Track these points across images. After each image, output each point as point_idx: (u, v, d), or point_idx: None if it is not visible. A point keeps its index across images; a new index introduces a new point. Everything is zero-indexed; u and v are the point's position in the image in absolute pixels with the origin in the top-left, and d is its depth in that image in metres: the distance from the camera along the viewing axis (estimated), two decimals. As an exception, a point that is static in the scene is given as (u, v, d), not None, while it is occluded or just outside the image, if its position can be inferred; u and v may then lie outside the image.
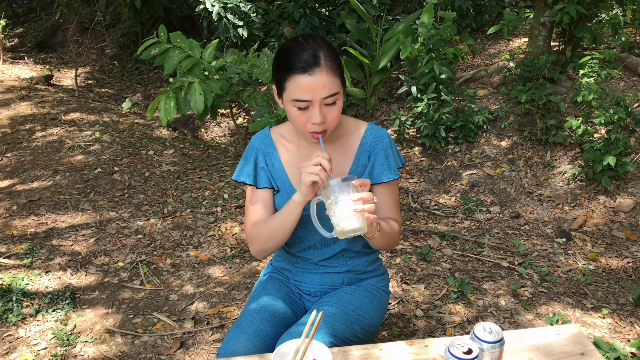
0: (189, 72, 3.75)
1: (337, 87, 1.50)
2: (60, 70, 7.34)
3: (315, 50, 1.47)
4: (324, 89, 1.46)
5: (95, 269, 3.00)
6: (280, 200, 1.69)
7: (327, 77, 1.46)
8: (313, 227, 1.70)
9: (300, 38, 1.51)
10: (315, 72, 1.45)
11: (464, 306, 2.64)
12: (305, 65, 1.45)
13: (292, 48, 1.48)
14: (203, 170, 4.39)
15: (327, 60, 1.47)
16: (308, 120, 1.51)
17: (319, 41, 1.50)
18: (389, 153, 1.68)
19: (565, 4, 4.15)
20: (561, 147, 4.08)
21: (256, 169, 1.70)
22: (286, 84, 1.48)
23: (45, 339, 2.43)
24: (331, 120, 1.52)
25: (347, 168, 1.67)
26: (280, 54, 1.51)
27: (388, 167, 1.68)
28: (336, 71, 1.49)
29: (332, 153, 1.66)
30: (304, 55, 1.46)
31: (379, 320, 1.82)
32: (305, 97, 1.46)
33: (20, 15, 9.38)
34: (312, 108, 1.49)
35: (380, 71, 5.00)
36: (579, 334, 1.49)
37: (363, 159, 1.68)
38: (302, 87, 1.46)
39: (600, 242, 3.31)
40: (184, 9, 6.80)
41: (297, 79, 1.46)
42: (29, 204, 3.69)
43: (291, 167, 1.68)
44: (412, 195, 4.03)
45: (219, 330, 2.50)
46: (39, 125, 5.03)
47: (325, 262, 1.77)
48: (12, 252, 3.13)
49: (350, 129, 1.70)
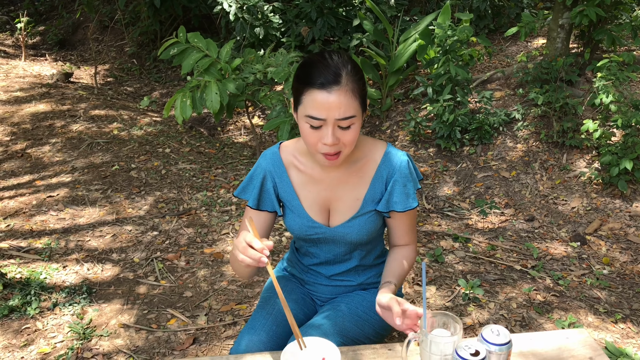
0: (206, 72, 3.80)
1: (355, 110, 1.41)
2: (80, 68, 7.45)
3: (338, 68, 1.40)
4: (339, 110, 1.39)
5: (112, 265, 3.06)
6: (292, 220, 1.66)
7: (346, 98, 1.39)
8: (324, 245, 1.70)
9: (326, 53, 1.45)
10: (333, 90, 1.38)
11: (476, 308, 2.65)
12: (324, 82, 1.38)
13: (315, 62, 1.42)
14: (218, 168, 4.44)
15: (349, 80, 1.40)
16: (320, 140, 1.43)
17: (344, 59, 1.43)
18: (407, 181, 1.60)
19: (584, 6, 4.12)
20: (577, 150, 4.05)
21: (261, 191, 1.64)
22: (302, 98, 1.42)
23: (62, 332, 2.48)
24: (345, 143, 1.45)
25: (362, 194, 1.61)
26: (303, 66, 1.45)
27: (406, 195, 1.60)
28: (357, 93, 1.41)
29: (348, 178, 1.60)
30: (326, 72, 1.39)
31: (391, 323, 1.83)
32: (319, 115, 1.39)
33: (42, 13, 9.54)
34: (324, 127, 1.41)
35: (397, 72, 5.01)
36: (588, 339, 1.50)
37: (379, 186, 1.61)
38: (317, 103, 1.39)
39: (616, 246, 3.28)
40: (202, 8, 6.86)
41: (314, 94, 1.39)
42: (49, 200, 3.76)
43: (303, 191, 1.63)
44: (426, 196, 4.03)
45: (231, 327, 2.53)
46: (59, 122, 5.12)
47: (337, 277, 1.76)
48: (31, 247, 3.19)
49: (367, 153, 1.61)
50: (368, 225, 1.63)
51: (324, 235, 1.65)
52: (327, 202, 1.63)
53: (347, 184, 1.61)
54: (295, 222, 1.66)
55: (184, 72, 3.85)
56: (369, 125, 5.21)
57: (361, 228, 1.62)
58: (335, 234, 1.64)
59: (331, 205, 1.64)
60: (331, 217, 1.65)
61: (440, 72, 4.28)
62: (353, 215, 1.62)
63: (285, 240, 3.35)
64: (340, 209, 1.63)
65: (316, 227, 1.64)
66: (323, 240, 1.68)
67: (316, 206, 1.63)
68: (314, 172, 1.62)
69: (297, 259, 1.84)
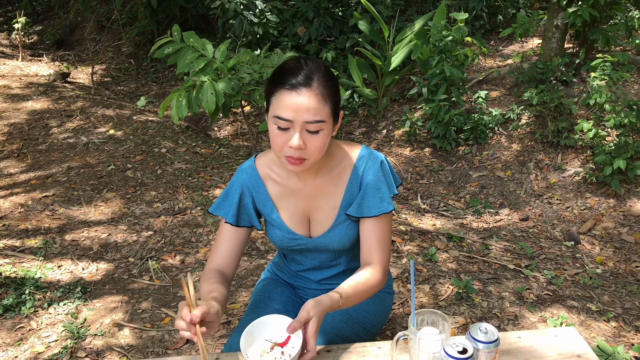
0: (201, 71, 3.80)
1: (325, 115, 1.39)
2: (77, 68, 7.45)
3: (310, 72, 1.38)
4: (307, 112, 1.36)
5: (107, 264, 3.06)
6: (273, 233, 1.64)
7: (315, 100, 1.36)
8: (309, 253, 1.68)
9: (302, 59, 1.44)
10: (302, 92, 1.36)
11: (469, 307, 2.66)
12: (294, 83, 1.36)
13: (289, 65, 1.41)
14: (214, 168, 4.44)
15: (320, 84, 1.38)
16: (286, 143, 1.40)
17: (318, 64, 1.42)
18: (381, 183, 1.56)
19: (579, 6, 4.13)
20: (572, 149, 4.06)
21: (239, 207, 1.61)
22: (272, 98, 1.40)
23: (56, 331, 2.49)
24: (312, 150, 1.41)
25: (339, 202, 1.58)
26: (277, 69, 1.44)
27: (380, 199, 1.55)
28: (327, 98, 1.39)
29: (324, 187, 1.58)
30: (297, 73, 1.38)
31: (382, 321, 1.83)
32: (287, 116, 1.37)
33: (40, 13, 9.54)
34: (292, 130, 1.38)
35: (392, 72, 5.02)
36: (577, 337, 1.51)
37: (354, 190, 1.58)
38: (285, 104, 1.37)
39: (609, 245, 3.30)
40: (199, 8, 6.86)
41: (283, 94, 1.37)
42: (44, 199, 3.77)
43: (282, 203, 1.61)
44: (421, 196, 4.04)
45: (224, 326, 2.54)
46: (55, 122, 5.13)
47: (326, 281, 1.76)
48: (26, 246, 3.20)
49: (342, 159, 1.58)
50: (348, 232, 1.60)
51: (306, 246, 1.64)
52: (306, 212, 1.61)
53: (323, 193, 1.59)
54: (276, 234, 1.64)
55: (180, 72, 3.86)
56: (365, 125, 5.22)
57: (342, 237, 1.61)
58: (317, 244, 1.63)
59: (310, 216, 1.62)
60: (312, 227, 1.63)
61: (435, 72, 4.30)
62: (332, 225, 1.60)
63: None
64: (319, 219, 1.61)
65: (297, 238, 1.63)
66: (306, 250, 1.67)
67: (296, 217, 1.62)
68: (291, 183, 1.59)
69: (285, 264, 1.83)
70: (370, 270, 1.54)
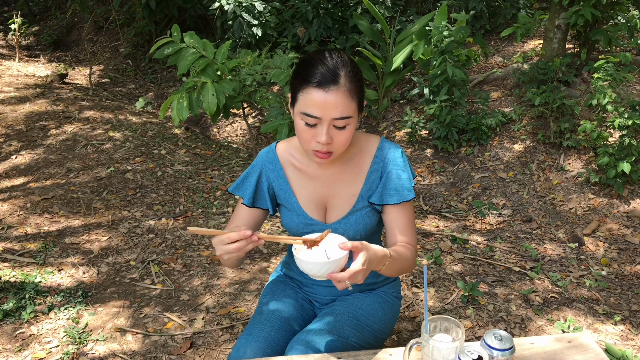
0: (202, 73, 3.77)
1: (352, 111, 1.42)
2: (74, 69, 7.41)
3: (337, 68, 1.39)
4: (336, 109, 1.39)
5: (107, 268, 3.03)
6: (289, 218, 1.66)
7: (342, 98, 1.38)
8: None
9: (326, 52, 1.44)
10: (330, 90, 1.38)
11: (475, 310, 2.63)
12: (322, 80, 1.38)
13: (315, 60, 1.42)
14: (215, 170, 4.41)
15: (347, 80, 1.39)
16: (314, 138, 1.43)
17: (344, 59, 1.43)
18: (402, 173, 1.59)
19: (580, 6, 4.11)
20: (575, 150, 4.05)
21: (257, 189, 1.64)
22: (299, 95, 1.42)
23: (57, 336, 2.46)
24: (338, 143, 1.45)
25: (358, 190, 1.61)
26: (302, 63, 1.45)
27: (401, 187, 1.59)
28: (354, 94, 1.41)
29: (344, 175, 1.61)
30: (324, 70, 1.38)
31: (390, 326, 1.80)
32: (315, 114, 1.39)
33: (36, 13, 9.49)
34: (320, 126, 1.41)
35: (393, 72, 5.00)
36: (591, 343, 1.48)
37: (375, 179, 1.61)
38: (313, 101, 1.39)
39: (614, 247, 3.28)
40: (198, 9, 6.82)
41: (311, 92, 1.39)
42: (43, 202, 3.73)
43: (300, 189, 1.64)
44: (424, 197, 4.02)
45: (229, 330, 2.51)
46: (53, 124, 5.08)
47: None
48: (25, 250, 3.16)
49: (362, 148, 1.62)
50: (365, 221, 1.62)
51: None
52: (324, 198, 1.64)
53: (342, 180, 1.62)
54: (291, 219, 1.66)
55: (180, 73, 3.83)
56: (366, 126, 5.19)
57: (358, 224, 1.62)
58: (332, 230, 1.62)
59: (327, 202, 1.64)
60: (328, 213, 1.65)
61: (437, 73, 4.27)
62: (349, 211, 1.62)
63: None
64: (336, 205, 1.63)
65: (313, 224, 1.63)
66: None
67: (312, 203, 1.64)
68: (310, 169, 1.63)
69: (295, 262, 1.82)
70: (406, 245, 1.57)
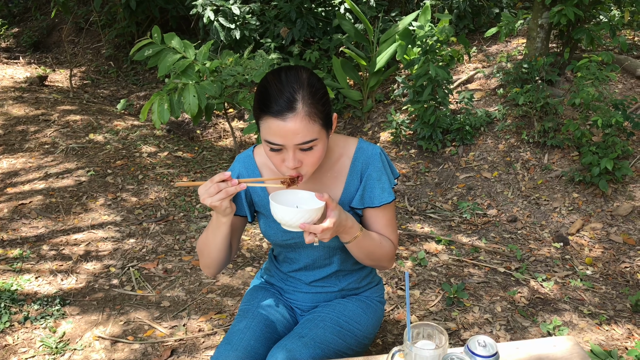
0: (183, 74, 3.71)
1: (315, 133, 1.36)
2: (55, 71, 7.29)
3: (292, 93, 1.33)
4: (297, 136, 1.33)
5: (87, 274, 2.96)
6: (267, 226, 1.63)
7: (302, 123, 1.33)
8: (303, 250, 1.66)
9: (282, 73, 1.37)
10: (288, 118, 1.32)
11: (460, 313, 2.61)
12: (278, 109, 1.32)
13: (270, 85, 1.36)
14: (197, 172, 4.35)
15: (305, 104, 1.33)
16: (282, 162, 1.40)
17: (301, 79, 1.36)
18: (381, 174, 1.57)
19: (563, 5, 4.12)
20: (559, 149, 4.05)
21: (235, 195, 1.58)
22: (260, 123, 1.38)
23: (33, 346, 2.39)
24: (308, 165, 1.41)
25: (339, 194, 1.58)
26: (259, 89, 1.39)
27: (381, 189, 1.57)
28: (315, 116, 1.35)
29: (322, 179, 1.57)
30: (280, 98, 1.33)
31: (374, 332, 1.78)
32: (277, 141, 1.35)
33: (16, 15, 9.33)
34: (285, 152, 1.38)
35: (377, 73, 4.97)
36: (576, 346, 1.46)
37: (354, 183, 1.58)
38: (273, 131, 1.34)
39: (598, 246, 3.28)
40: (179, 10, 6.75)
41: (269, 122, 1.34)
42: (20, 207, 3.64)
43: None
44: (408, 198, 3.99)
45: (210, 337, 2.46)
46: (33, 127, 4.99)
47: (318, 283, 1.72)
48: (1, 257, 3.08)
49: (340, 152, 1.58)
50: None
51: (300, 240, 1.60)
52: None
53: (322, 185, 1.58)
54: (270, 227, 1.62)
55: (161, 74, 3.76)
56: (350, 126, 5.16)
57: None
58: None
59: None
60: None
61: (420, 73, 4.25)
62: None
63: (265, 245, 3.28)
64: None
65: (292, 232, 1.58)
66: (300, 244, 1.64)
67: None
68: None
69: (276, 267, 1.79)
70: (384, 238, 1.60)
